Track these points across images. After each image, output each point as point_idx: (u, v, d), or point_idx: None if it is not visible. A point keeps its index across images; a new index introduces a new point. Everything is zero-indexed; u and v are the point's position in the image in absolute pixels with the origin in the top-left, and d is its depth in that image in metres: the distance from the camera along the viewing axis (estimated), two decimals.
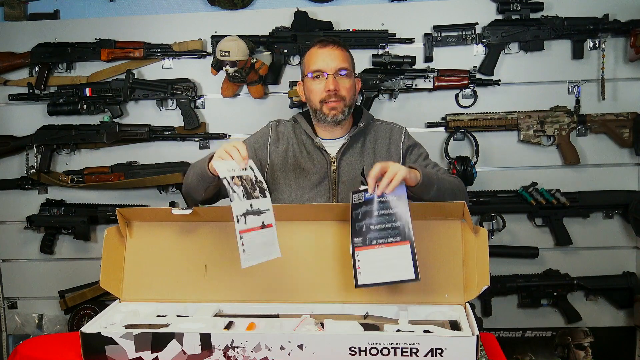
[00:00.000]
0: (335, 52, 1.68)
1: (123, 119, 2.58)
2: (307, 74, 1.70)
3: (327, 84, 1.66)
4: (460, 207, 1.41)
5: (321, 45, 1.69)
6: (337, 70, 1.67)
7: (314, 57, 1.69)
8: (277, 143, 1.75)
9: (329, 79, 1.66)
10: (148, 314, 1.48)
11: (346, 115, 1.70)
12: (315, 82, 1.68)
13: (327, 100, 1.67)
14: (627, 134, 2.40)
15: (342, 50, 1.70)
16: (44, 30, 2.57)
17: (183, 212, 1.50)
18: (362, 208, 1.36)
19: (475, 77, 2.43)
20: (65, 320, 2.68)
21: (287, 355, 1.25)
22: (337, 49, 1.69)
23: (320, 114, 1.69)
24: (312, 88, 1.69)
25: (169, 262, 1.56)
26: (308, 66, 1.71)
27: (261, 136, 1.78)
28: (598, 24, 2.35)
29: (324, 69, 1.67)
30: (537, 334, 2.57)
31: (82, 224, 2.57)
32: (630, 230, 2.46)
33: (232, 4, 2.48)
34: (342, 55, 1.69)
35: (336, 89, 1.66)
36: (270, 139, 1.76)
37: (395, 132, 1.77)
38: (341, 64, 1.67)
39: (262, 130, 1.81)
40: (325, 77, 1.67)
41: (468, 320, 1.35)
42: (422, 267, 1.35)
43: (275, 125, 1.79)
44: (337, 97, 1.67)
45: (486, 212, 2.47)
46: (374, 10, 2.46)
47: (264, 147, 1.76)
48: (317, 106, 1.69)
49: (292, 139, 1.76)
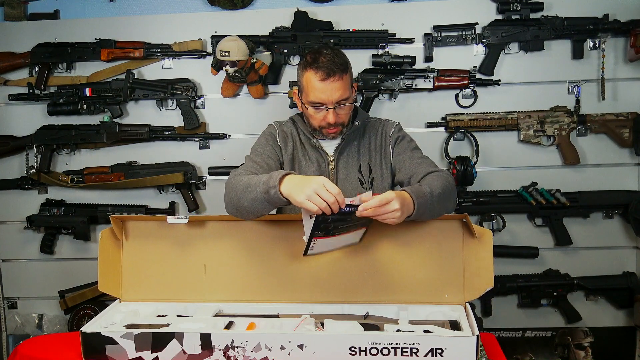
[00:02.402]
0: (336, 84, 1.59)
1: (123, 119, 2.58)
2: (306, 102, 1.65)
3: (327, 116, 1.63)
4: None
5: (322, 77, 1.58)
6: (338, 102, 1.62)
7: (314, 88, 1.60)
8: (285, 142, 1.76)
9: (330, 113, 1.62)
10: (148, 313, 1.48)
11: (342, 132, 1.72)
12: (315, 110, 1.64)
13: (328, 127, 1.66)
14: (627, 134, 2.40)
15: (343, 77, 1.60)
16: (44, 30, 2.57)
17: (179, 221, 1.49)
18: (335, 216, 1.30)
19: (475, 77, 2.43)
20: (65, 320, 2.68)
21: (287, 355, 1.25)
22: (338, 79, 1.59)
23: (318, 133, 1.71)
24: (311, 114, 1.66)
25: (168, 262, 1.56)
26: (307, 93, 1.63)
27: (270, 136, 1.77)
28: (598, 24, 2.35)
29: (325, 102, 1.61)
30: (537, 334, 2.57)
31: (82, 224, 2.57)
32: (630, 230, 2.46)
33: (232, 4, 2.48)
34: (343, 84, 1.61)
35: (336, 121, 1.65)
36: (278, 137, 1.76)
37: (387, 126, 1.77)
38: (343, 95, 1.61)
39: (267, 131, 1.79)
40: (326, 109, 1.63)
41: (468, 320, 1.35)
42: (422, 267, 1.36)
43: (279, 125, 1.80)
44: (336, 126, 1.66)
45: (486, 212, 2.47)
46: (374, 10, 2.46)
47: (276, 145, 1.75)
48: (316, 127, 1.69)
49: (296, 137, 1.77)
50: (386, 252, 1.51)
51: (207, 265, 1.55)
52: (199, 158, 2.58)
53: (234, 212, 1.51)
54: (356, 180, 1.72)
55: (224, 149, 2.57)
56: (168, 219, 1.50)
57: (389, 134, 1.75)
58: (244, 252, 1.56)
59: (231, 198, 1.49)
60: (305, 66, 1.63)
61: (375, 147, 1.75)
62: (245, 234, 1.56)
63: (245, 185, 1.45)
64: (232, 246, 1.57)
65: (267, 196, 1.39)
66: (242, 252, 1.56)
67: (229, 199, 1.51)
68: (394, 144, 1.73)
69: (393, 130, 1.75)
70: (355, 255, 1.52)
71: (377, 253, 1.51)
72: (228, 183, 1.54)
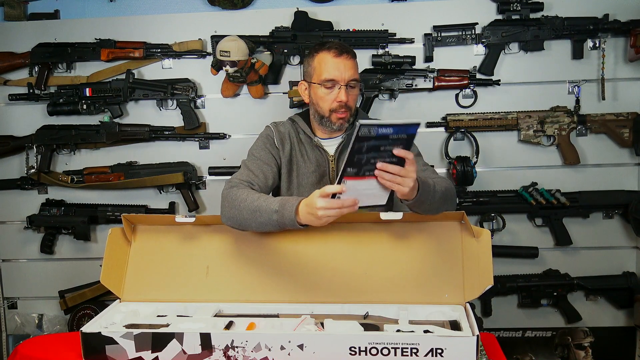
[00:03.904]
0: (349, 62, 1.66)
1: (123, 119, 2.58)
2: (318, 81, 1.67)
3: (340, 95, 1.65)
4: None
5: (336, 54, 1.65)
6: (350, 81, 1.66)
7: (328, 64, 1.65)
8: (282, 143, 1.76)
9: (342, 91, 1.65)
10: (148, 314, 1.48)
11: (349, 122, 1.72)
12: (327, 90, 1.67)
13: (337, 110, 1.67)
14: (627, 134, 2.40)
15: (354, 59, 1.68)
16: (44, 30, 2.57)
17: (186, 220, 1.51)
18: (371, 142, 1.25)
19: (475, 77, 2.43)
20: (65, 320, 2.68)
21: (287, 355, 1.25)
22: (350, 58, 1.67)
23: (326, 121, 1.70)
24: (323, 96, 1.68)
25: (171, 264, 1.56)
26: (320, 73, 1.67)
27: (267, 138, 1.77)
28: (598, 24, 2.35)
29: (337, 79, 1.65)
30: (537, 334, 2.57)
31: (82, 224, 2.57)
32: (630, 230, 2.45)
33: (232, 4, 2.48)
34: (354, 65, 1.68)
35: (347, 101, 1.66)
36: (276, 139, 1.76)
37: None
38: (354, 75, 1.67)
39: (264, 133, 1.79)
40: (338, 87, 1.65)
41: (468, 320, 1.35)
42: (422, 267, 1.36)
43: (276, 126, 1.80)
44: (347, 108, 1.67)
45: (486, 212, 2.47)
46: (374, 10, 2.46)
47: (273, 147, 1.75)
48: (325, 113, 1.69)
49: (294, 138, 1.77)
50: (386, 252, 1.51)
51: (210, 266, 1.55)
52: (199, 158, 2.58)
53: (236, 227, 1.53)
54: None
55: (224, 149, 2.57)
56: (176, 217, 1.52)
57: None
58: (244, 252, 1.56)
59: (233, 215, 1.51)
60: (317, 50, 1.69)
61: None
62: (246, 235, 1.56)
63: (253, 208, 1.47)
64: (233, 246, 1.57)
65: (282, 224, 1.43)
66: (242, 253, 1.56)
67: (230, 215, 1.52)
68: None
69: None
70: (355, 255, 1.52)
71: (377, 253, 1.51)
72: (226, 196, 1.54)
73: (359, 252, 1.52)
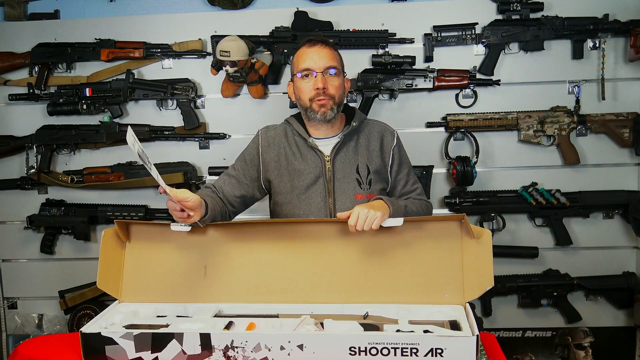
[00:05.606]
0: (323, 50, 1.69)
1: (123, 119, 2.58)
2: (297, 74, 1.71)
3: (316, 82, 1.67)
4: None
5: (309, 45, 1.70)
6: (326, 69, 1.67)
7: (302, 56, 1.70)
8: (269, 148, 1.77)
9: (318, 77, 1.67)
10: (148, 314, 1.48)
11: (336, 113, 1.70)
12: (304, 80, 1.69)
13: (317, 98, 1.67)
14: (627, 134, 2.40)
15: (331, 49, 1.71)
16: (44, 30, 2.57)
17: (182, 229, 1.50)
18: None
19: (475, 77, 2.43)
20: (65, 320, 2.68)
21: (287, 355, 1.25)
22: (325, 47, 1.69)
23: (310, 112, 1.70)
24: (301, 87, 1.70)
25: (168, 264, 1.56)
26: (297, 65, 1.71)
27: (252, 146, 1.80)
28: (598, 24, 2.35)
29: (312, 68, 1.67)
30: (537, 334, 2.57)
31: (82, 224, 2.57)
32: (630, 230, 2.45)
33: (232, 4, 2.48)
34: (330, 54, 1.69)
35: (325, 87, 1.66)
36: (260, 146, 1.78)
37: (388, 134, 1.79)
38: (330, 63, 1.68)
39: (252, 140, 1.82)
40: (314, 75, 1.67)
41: (468, 320, 1.35)
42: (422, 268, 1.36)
43: (265, 132, 1.81)
44: (326, 96, 1.67)
45: (486, 212, 2.47)
46: (374, 10, 2.46)
47: (255, 156, 1.78)
48: (306, 104, 1.70)
49: (284, 142, 1.77)
50: (386, 252, 1.51)
51: (208, 267, 1.55)
52: (199, 158, 2.58)
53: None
54: (354, 181, 1.72)
55: (224, 149, 2.57)
56: (171, 225, 1.51)
57: (391, 146, 1.78)
58: (244, 252, 1.56)
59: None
60: (298, 48, 1.75)
61: (374, 150, 1.76)
62: (246, 235, 1.56)
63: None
64: (232, 247, 1.57)
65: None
66: (242, 253, 1.56)
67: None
68: (392, 159, 1.78)
69: (395, 142, 1.79)
70: (355, 255, 1.52)
71: (377, 253, 1.51)
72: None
73: (359, 252, 1.51)
